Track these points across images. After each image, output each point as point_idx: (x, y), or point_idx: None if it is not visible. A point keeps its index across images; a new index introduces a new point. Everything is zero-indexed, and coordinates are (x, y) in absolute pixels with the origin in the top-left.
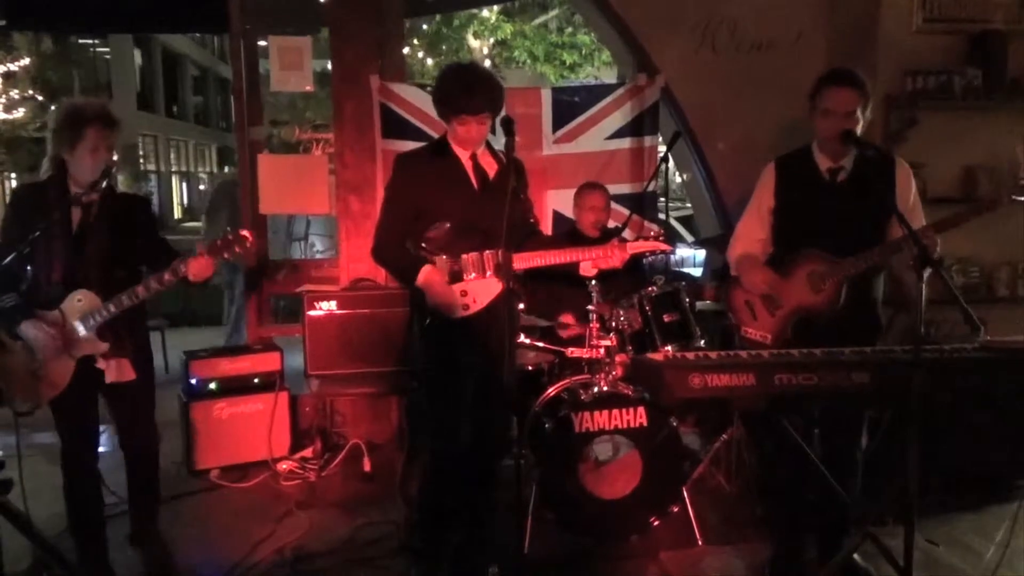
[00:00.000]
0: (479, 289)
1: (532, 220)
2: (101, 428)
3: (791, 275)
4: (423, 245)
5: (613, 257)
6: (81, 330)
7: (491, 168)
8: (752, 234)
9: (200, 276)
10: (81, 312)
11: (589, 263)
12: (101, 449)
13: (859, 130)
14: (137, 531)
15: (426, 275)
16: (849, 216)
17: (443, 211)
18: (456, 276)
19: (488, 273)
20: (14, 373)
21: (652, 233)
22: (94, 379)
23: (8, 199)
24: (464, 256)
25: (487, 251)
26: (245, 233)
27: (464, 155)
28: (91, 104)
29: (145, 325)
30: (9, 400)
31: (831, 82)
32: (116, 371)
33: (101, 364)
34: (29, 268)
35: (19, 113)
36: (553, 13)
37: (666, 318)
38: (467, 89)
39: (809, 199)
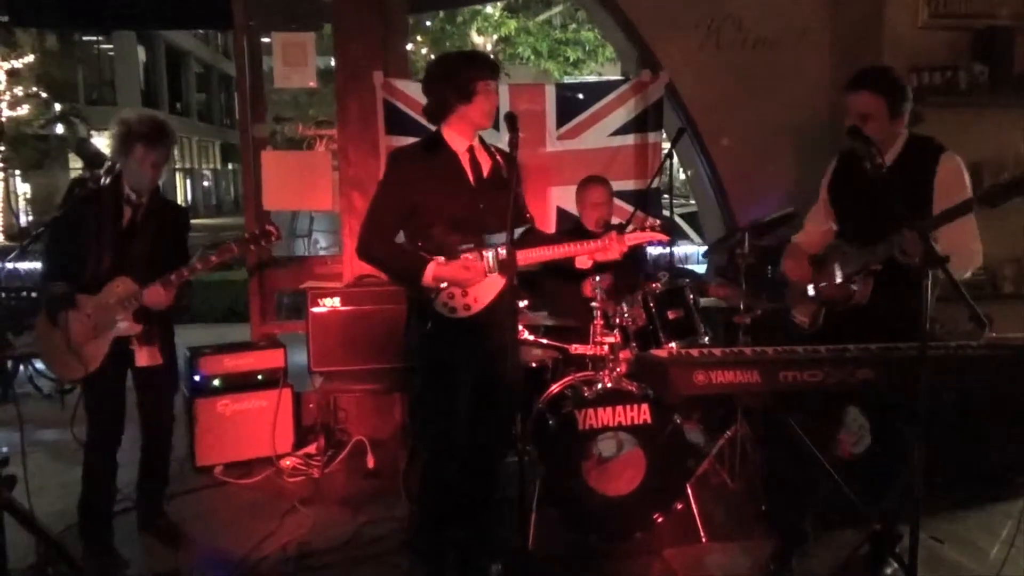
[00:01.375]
0: (480, 288)
1: (528, 216)
2: None
3: (824, 266)
4: (420, 245)
5: (611, 249)
6: (118, 313)
7: (486, 164)
8: (813, 223)
9: (158, 305)
10: (119, 297)
11: (585, 256)
12: None
13: (878, 127)
14: (146, 514)
15: (434, 270)
16: (885, 210)
17: (439, 207)
18: None
19: (488, 272)
20: (57, 350)
21: (648, 224)
22: (125, 361)
23: (66, 189)
24: (464, 256)
25: (486, 249)
26: (271, 228)
27: (461, 150)
28: (142, 121)
29: (170, 316)
30: (56, 374)
31: (847, 85)
32: (147, 356)
33: (134, 346)
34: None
35: (23, 110)
36: (557, 9)
37: (670, 315)
38: (478, 53)
39: (850, 192)
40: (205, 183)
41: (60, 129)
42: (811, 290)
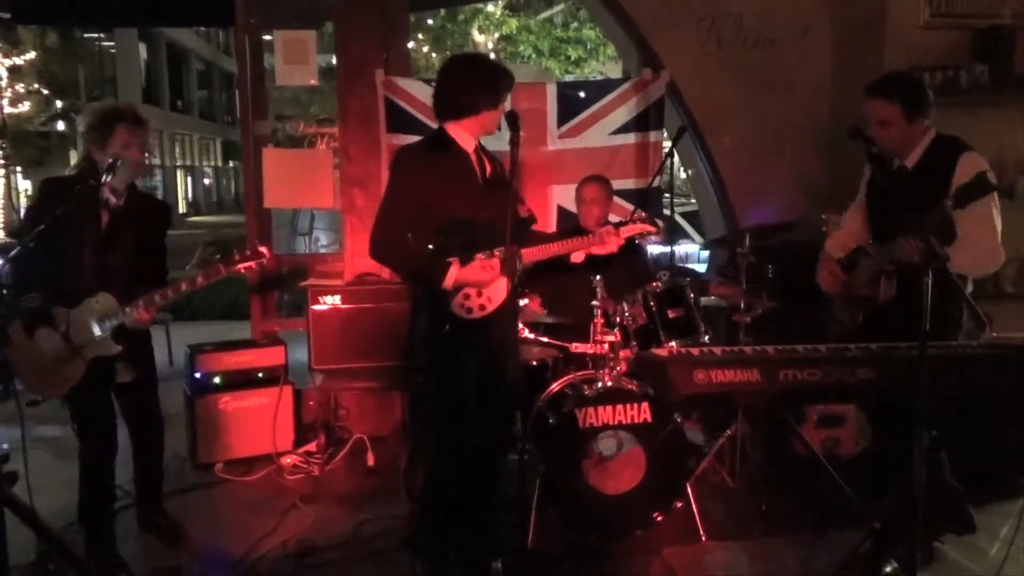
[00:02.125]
0: (493, 289)
1: (526, 215)
2: None
3: (855, 267)
4: (431, 247)
5: (609, 243)
6: (97, 331)
7: (487, 164)
8: (850, 223)
9: (140, 326)
10: (98, 314)
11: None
12: None
13: (896, 132)
14: (146, 512)
15: (456, 274)
16: (893, 211)
17: (449, 206)
18: None
19: (501, 271)
20: (34, 365)
21: (636, 216)
22: (107, 375)
23: (38, 190)
24: (477, 257)
25: (497, 249)
26: (263, 249)
27: (470, 149)
28: (124, 104)
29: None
30: (24, 389)
31: (865, 92)
32: (128, 373)
33: (117, 365)
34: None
35: (24, 107)
36: (558, 8)
37: (671, 314)
38: (503, 65)
39: (878, 193)
40: (206, 181)
41: (61, 126)
42: (854, 292)
